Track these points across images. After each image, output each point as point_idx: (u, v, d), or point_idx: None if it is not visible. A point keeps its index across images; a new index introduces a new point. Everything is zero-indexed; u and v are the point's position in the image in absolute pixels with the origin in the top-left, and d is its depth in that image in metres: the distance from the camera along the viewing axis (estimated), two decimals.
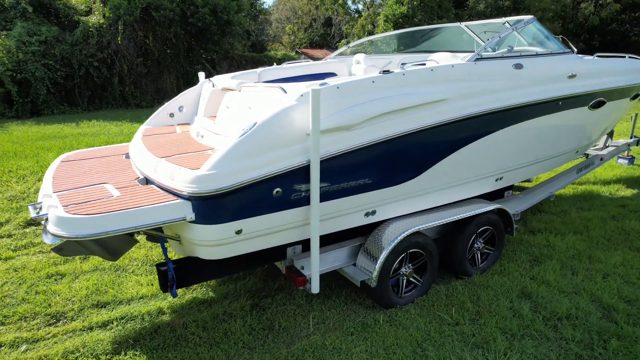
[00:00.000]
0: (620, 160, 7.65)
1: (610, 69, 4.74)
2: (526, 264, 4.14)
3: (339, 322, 3.35)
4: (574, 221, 5.18)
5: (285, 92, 3.02)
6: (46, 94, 14.03)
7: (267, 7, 34.49)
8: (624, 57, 5.08)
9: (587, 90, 4.34)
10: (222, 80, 4.11)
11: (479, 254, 4.06)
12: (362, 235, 3.61)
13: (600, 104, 4.64)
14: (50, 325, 3.29)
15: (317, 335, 3.17)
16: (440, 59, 3.88)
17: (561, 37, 4.54)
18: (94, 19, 14.13)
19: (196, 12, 14.54)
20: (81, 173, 3.32)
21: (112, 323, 3.30)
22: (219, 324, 3.29)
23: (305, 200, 2.92)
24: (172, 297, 3.53)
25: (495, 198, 4.65)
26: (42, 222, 2.70)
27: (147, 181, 3.06)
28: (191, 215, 2.64)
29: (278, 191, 2.79)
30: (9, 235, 4.81)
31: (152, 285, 3.81)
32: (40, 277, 3.90)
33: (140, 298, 3.65)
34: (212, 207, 2.65)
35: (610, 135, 6.89)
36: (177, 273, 3.00)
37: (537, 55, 4.04)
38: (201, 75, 4.80)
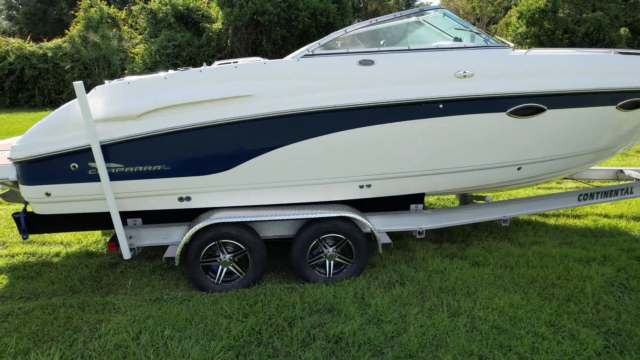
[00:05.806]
0: None
1: (560, 68, 3.69)
2: (381, 284, 3.69)
3: (152, 291, 3.74)
4: (523, 254, 4.18)
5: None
6: None
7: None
8: (610, 52, 3.83)
9: (491, 93, 3.54)
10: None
11: (331, 263, 3.83)
12: None
13: (535, 111, 3.68)
14: None
15: (121, 296, 3.64)
16: (295, 54, 3.79)
17: (477, 28, 3.75)
18: (215, 25, 16.81)
19: (297, 15, 15.75)
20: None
21: (19, 255, 4.42)
22: (71, 271, 4.06)
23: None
24: (23, 239, 4.35)
25: (399, 209, 4.18)
26: None
27: None
28: (13, 176, 3.47)
29: (74, 166, 3.39)
30: None
31: (74, 234, 4.84)
32: None
33: (60, 243, 4.70)
34: (25, 170, 3.42)
35: None
36: (27, 221, 3.88)
37: (407, 50, 3.54)
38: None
